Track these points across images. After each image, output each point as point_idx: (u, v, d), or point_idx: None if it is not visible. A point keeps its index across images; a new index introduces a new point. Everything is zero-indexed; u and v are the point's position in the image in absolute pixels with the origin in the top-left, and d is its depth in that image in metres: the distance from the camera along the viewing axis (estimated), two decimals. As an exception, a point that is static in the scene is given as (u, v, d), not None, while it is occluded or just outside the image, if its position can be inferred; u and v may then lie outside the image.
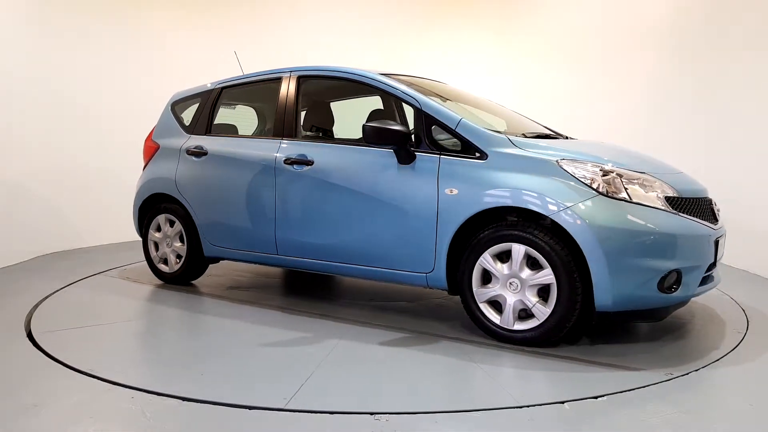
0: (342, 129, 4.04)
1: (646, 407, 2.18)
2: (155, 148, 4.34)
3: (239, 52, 4.65)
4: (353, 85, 3.55)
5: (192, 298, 3.87)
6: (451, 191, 2.92)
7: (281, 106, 3.70)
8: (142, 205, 4.35)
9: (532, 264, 2.77)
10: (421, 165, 3.03)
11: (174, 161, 4.14)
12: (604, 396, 2.27)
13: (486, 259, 2.86)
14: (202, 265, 4.19)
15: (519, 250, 2.76)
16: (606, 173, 2.71)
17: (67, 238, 5.71)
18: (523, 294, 2.78)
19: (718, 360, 2.69)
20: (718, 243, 2.89)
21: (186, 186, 4.03)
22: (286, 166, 3.50)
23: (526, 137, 3.11)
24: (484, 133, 2.96)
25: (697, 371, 2.54)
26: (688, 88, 5.32)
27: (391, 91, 3.32)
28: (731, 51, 4.84)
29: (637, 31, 5.90)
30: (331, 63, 3.82)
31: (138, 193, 4.37)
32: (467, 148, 2.96)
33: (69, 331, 3.14)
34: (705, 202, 3.01)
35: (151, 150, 4.39)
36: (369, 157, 3.22)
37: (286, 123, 3.65)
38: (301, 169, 3.45)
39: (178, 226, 4.12)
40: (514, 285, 2.80)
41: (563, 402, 2.22)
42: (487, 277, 2.90)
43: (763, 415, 2.16)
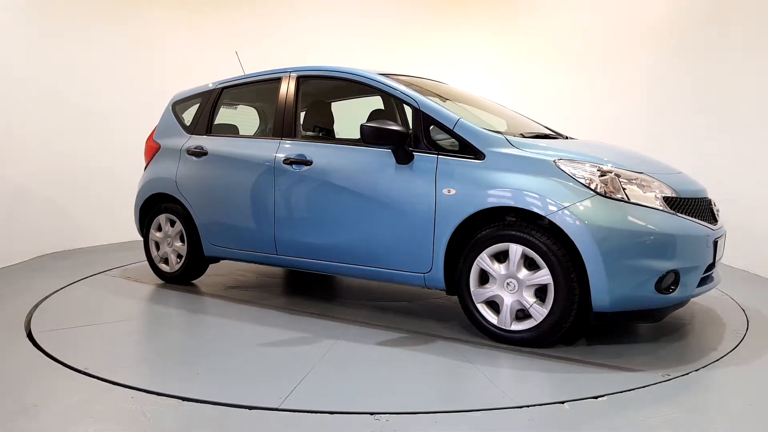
0: (343, 129, 4.05)
1: (646, 407, 2.18)
2: (156, 148, 4.35)
3: (239, 52, 4.65)
4: (353, 86, 3.55)
5: (192, 298, 3.87)
6: (448, 191, 2.92)
7: (281, 107, 3.70)
8: (144, 204, 4.36)
9: (530, 264, 2.76)
10: (419, 165, 3.03)
11: (175, 161, 4.15)
12: (604, 396, 2.27)
13: (483, 260, 2.86)
14: (202, 265, 4.19)
15: (516, 250, 2.76)
16: (604, 173, 2.71)
17: (67, 238, 5.71)
18: (521, 294, 2.78)
19: (718, 360, 2.69)
20: (717, 243, 2.88)
21: (186, 186, 4.04)
22: (286, 166, 3.50)
23: (525, 137, 3.10)
24: (482, 133, 2.96)
25: (697, 371, 2.54)
26: (688, 88, 5.32)
27: (389, 91, 3.32)
28: (731, 51, 4.84)
29: (637, 31, 5.90)
30: (331, 63, 3.82)
31: (139, 192, 4.38)
32: (465, 148, 2.95)
33: (69, 330, 3.14)
34: (704, 203, 3.00)
35: (152, 150, 4.40)
36: (367, 157, 3.21)
37: (285, 123, 3.65)
38: (300, 169, 3.45)
39: (178, 225, 4.13)
40: (512, 285, 2.80)
41: (563, 402, 2.22)
42: (484, 277, 2.90)
43: (763, 415, 2.16)
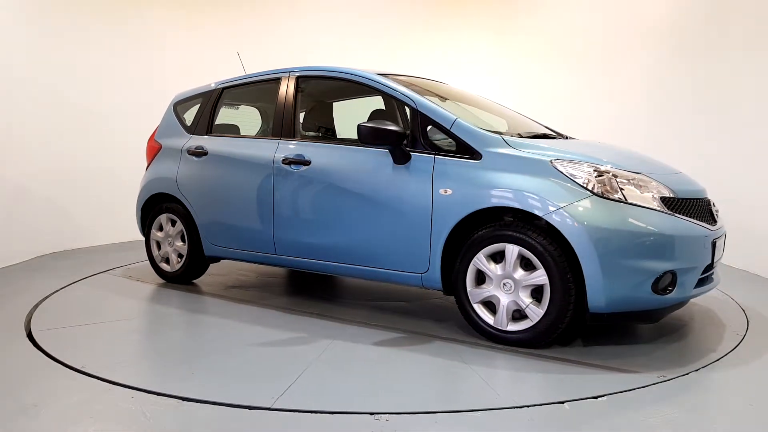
0: (343, 129, 4.05)
1: (646, 407, 2.18)
2: (158, 148, 4.36)
3: (239, 52, 4.66)
4: (352, 86, 3.55)
5: (193, 297, 3.87)
6: (445, 191, 2.91)
7: (280, 107, 3.70)
8: (145, 204, 4.38)
9: (526, 265, 2.75)
10: (416, 165, 3.02)
11: (175, 161, 4.15)
12: (604, 396, 2.27)
13: (480, 260, 2.85)
14: (202, 265, 4.20)
15: (512, 250, 2.75)
16: (600, 173, 2.69)
17: (67, 238, 5.71)
18: (517, 295, 2.77)
19: (718, 360, 2.69)
20: (715, 244, 2.86)
21: (187, 186, 4.04)
22: (284, 166, 3.50)
23: (522, 137, 3.09)
24: (479, 133, 2.95)
25: (697, 371, 2.54)
26: (688, 88, 5.32)
27: (387, 91, 3.31)
28: (731, 51, 4.84)
29: (637, 31, 5.90)
30: (331, 63, 3.82)
31: (141, 192, 4.39)
32: (462, 149, 2.94)
33: (69, 330, 3.14)
34: (703, 203, 2.98)
35: (153, 150, 4.41)
36: (365, 157, 3.21)
37: (284, 123, 3.65)
38: (299, 169, 3.45)
39: (179, 225, 4.14)
40: (508, 285, 2.79)
41: (563, 402, 2.22)
42: (481, 277, 2.89)
43: (763, 415, 2.16)
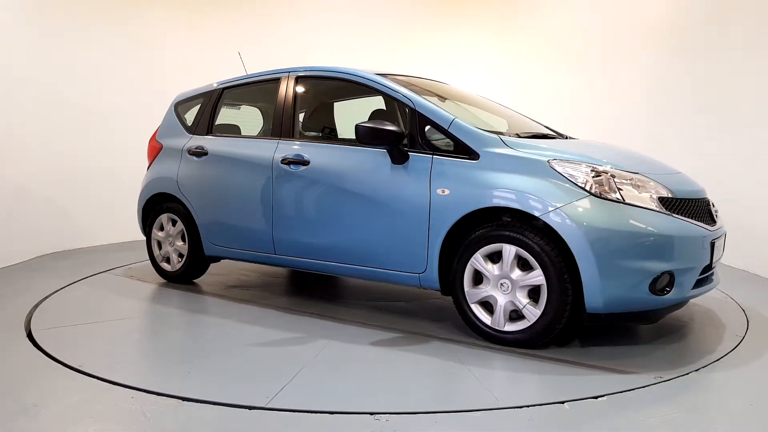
0: (343, 129, 4.05)
1: (646, 407, 2.18)
2: (159, 149, 4.37)
3: (240, 52, 4.66)
4: (351, 86, 3.54)
5: (193, 297, 3.88)
6: (443, 191, 2.91)
7: (279, 107, 3.71)
8: (146, 204, 4.39)
9: (523, 265, 2.75)
10: (414, 165, 3.02)
11: (176, 161, 4.16)
12: (604, 396, 2.27)
13: (477, 260, 2.85)
14: (203, 264, 4.21)
15: (509, 250, 2.74)
16: (598, 174, 2.69)
17: (67, 238, 5.71)
18: (514, 295, 2.76)
19: (718, 360, 2.69)
20: (714, 244, 2.84)
21: (187, 186, 4.05)
22: (283, 166, 3.51)
23: (520, 137, 3.09)
24: (477, 133, 2.95)
25: (697, 371, 2.54)
26: (688, 88, 5.32)
27: (385, 91, 3.31)
28: (731, 51, 4.84)
29: (637, 31, 5.90)
30: (332, 63, 3.82)
31: (142, 192, 4.41)
32: (460, 148, 2.94)
33: (69, 330, 3.14)
34: (702, 203, 2.97)
35: (154, 150, 4.43)
36: (364, 157, 3.21)
37: (284, 123, 3.66)
38: (298, 169, 3.45)
39: (179, 225, 4.14)
40: (505, 286, 2.79)
41: (563, 402, 2.22)
42: (478, 277, 2.89)
43: (763, 415, 2.16)
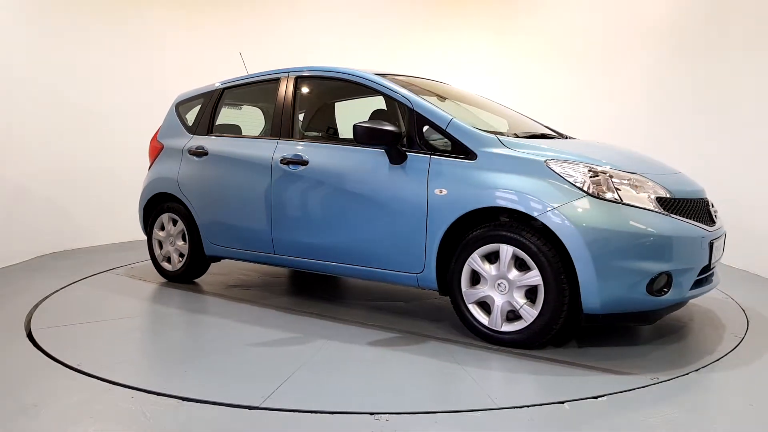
0: (343, 129, 4.05)
1: (646, 407, 2.18)
2: (160, 149, 4.39)
3: (240, 52, 4.66)
4: (350, 86, 3.54)
5: (193, 297, 3.88)
6: (440, 191, 2.90)
7: (279, 107, 3.71)
8: (147, 204, 4.40)
9: (521, 265, 2.74)
10: (412, 165, 3.02)
11: (177, 161, 4.17)
12: (603, 396, 2.27)
13: (474, 260, 2.84)
14: (203, 264, 4.22)
15: (507, 251, 2.74)
16: (595, 174, 2.68)
17: (67, 238, 5.71)
18: (511, 295, 2.76)
19: (718, 360, 2.69)
20: (713, 245, 2.82)
21: (188, 185, 4.05)
22: (282, 166, 3.51)
23: (518, 137, 3.08)
24: (474, 133, 2.94)
25: (697, 371, 2.54)
26: (688, 88, 5.32)
27: (383, 91, 3.30)
28: (731, 51, 4.84)
29: (637, 31, 5.90)
30: (332, 63, 3.82)
31: (143, 192, 4.42)
32: (458, 148, 2.94)
33: (69, 331, 3.14)
34: (701, 203, 2.96)
35: (156, 150, 4.44)
36: (362, 158, 3.21)
37: (283, 123, 3.66)
38: (297, 169, 3.45)
39: (180, 225, 4.15)
40: (502, 286, 2.78)
41: (563, 402, 2.22)
42: (476, 277, 2.88)
43: (763, 415, 2.16)
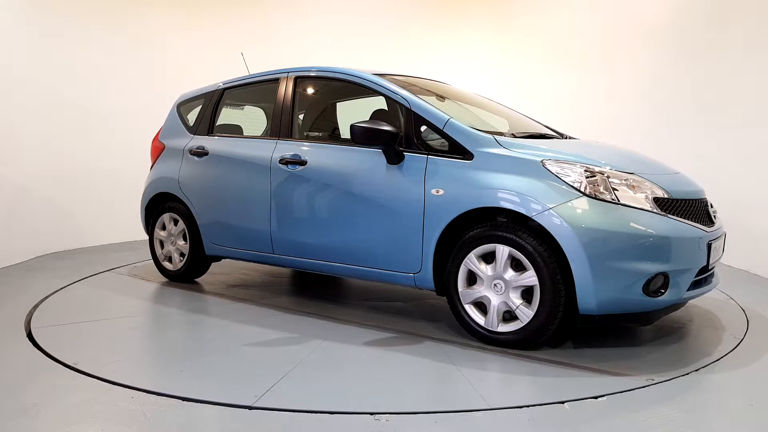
0: (344, 129, 4.04)
1: (646, 407, 2.18)
2: (161, 149, 4.40)
3: (242, 52, 4.66)
4: (349, 86, 3.55)
5: (193, 296, 3.89)
6: (437, 191, 2.90)
7: (278, 107, 3.72)
8: (149, 203, 4.41)
9: (517, 265, 2.74)
10: (409, 165, 3.02)
11: (178, 161, 4.18)
12: (603, 396, 2.27)
13: (471, 260, 2.84)
14: (204, 264, 4.23)
15: (503, 251, 2.74)
16: (592, 174, 2.67)
17: (67, 238, 5.71)
18: (507, 296, 2.75)
19: (718, 360, 2.69)
20: (711, 246, 2.80)
21: (188, 185, 4.06)
22: (281, 166, 3.51)
23: (516, 137, 3.08)
24: (471, 133, 2.94)
25: (697, 371, 2.54)
26: (688, 88, 5.32)
27: (381, 91, 3.30)
28: (731, 51, 4.84)
29: (637, 31, 5.90)
30: (332, 63, 3.82)
31: (145, 192, 4.43)
32: (455, 149, 2.94)
33: (70, 330, 3.14)
34: (700, 204, 2.94)
35: (157, 150, 4.45)
36: (360, 158, 3.21)
37: (282, 123, 3.67)
38: (295, 169, 3.45)
39: (181, 224, 4.16)
40: (499, 286, 2.77)
41: (563, 402, 2.22)
42: (472, 278, 2.88)
43: (763, 415, 2.16)
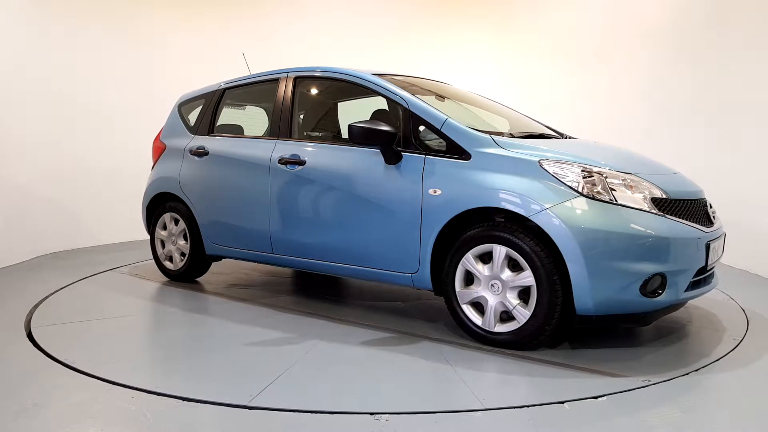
0: (343, 129, 4.04)
1: (646, 407, 2.18)
2: (162, 149, 4.41)
3: (243, 52, 4.66)
4: (348, 86, 3.55)
5: (193, 296, 3.90)
6: (434, 191, 2.90)
7: (278, 107, 3.72)
8: (150, 203, 4.42)
9: (514, 265, 2.73)
10: (407, 165, 3.02)
11: (179, 161, 4.18)
12: (603, 396, 2.27)
13: (468, 260, 2.83)
14: (204, 263, 4.23)
15: (500, 251, 2.73)
16: (590, 174, 2.66)
17: (67, 238, 5.71)
18: (504, 296, 2.75)
19: (718, 360, 2.69)
20: (709, 246, 2.78)
21: (189, 185, 4.07)
22: (280, 165, 3.52)
23: (514, 137, 3.08)
24: (469, 133, 2.94)
25: (697, 371, 2.54)
26: (688, 88, 5.31)
27: (380, 91, 3.30)
28: (731, 51, 4.84)
29: (637, 31, 5.90)
30: (332, 63, 3.81)
31: (146, 191, 4.44)
32: (452, 149, 2.93)
33: (70, 329, 3.15)
34: (698, 204, 2.93)
35: (158, 150, 4.46)
36: (358, 157, 3.21)
37: (282, 123, 3.67)
38: (294, 168, 3.46)
39: (182, 224, 4.17)
40: (496, 287, 2.77)
41: (563, 402, 2.22)
42: (470, 278, 2.88)
43: (763, 415, 2.16)
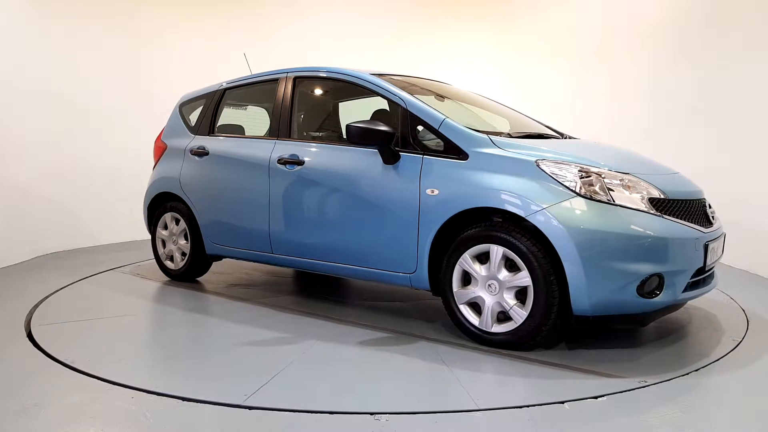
0: (342, 129, 4.04)
1: (646, 407, 2.18)
2: (164, 149, 4.42)
3: (240, 52, 4.66)
4: (347, 86, 3.55)
5: (193, 295, 3.90)
6: (432, 191, 2.90)
7: (277, 107, 3.72)
8: (151, 203, 4.43)
9: (511, 266, 2.73)
10: (405, 165, 3.02)
11: (179, 161, 4.19)
12: (603, 396, 2.27)
13: (465, 260, 2.83)
14: (205, 263, 4.24)
15: (497, 251, 2.73)
16: (587, 174, 2.66)
17: (67, 238, 5.71)
18: (501, 296, 2.75)
19: (718, 360, 2.69)
20: (708, 246, 2.77)
21: (189, 185, 4.07)
22: (279, 165, 3.52)
23: (512, 137, 3.08)
24: (466, 133, 2.94)
25: (696, 372, 2.54)
26: (688, 88, 5.31)
27: (378, 91, 3.30)
28: (731, 51, 4.84)
29: (637, 31, 5.90)
30: (332, 63, 3.81)
31: (147, 191, 4.45)
32: (450, 149, 2.93)
33: (70, 329, 3.15)
34: (697, 204, 2.92)
35: (160, 150, 4.47)
36: (357, 157, 3.21)
37: (281, 123, 3.67)
38: (293, 168, 3.46)
39: (182, 224, 4.18)
40: (493, 287, 2.77)
41: (563, 402, 2.22)
42: (467, 278, 2.87)
43: (763, 415, 2.16)
